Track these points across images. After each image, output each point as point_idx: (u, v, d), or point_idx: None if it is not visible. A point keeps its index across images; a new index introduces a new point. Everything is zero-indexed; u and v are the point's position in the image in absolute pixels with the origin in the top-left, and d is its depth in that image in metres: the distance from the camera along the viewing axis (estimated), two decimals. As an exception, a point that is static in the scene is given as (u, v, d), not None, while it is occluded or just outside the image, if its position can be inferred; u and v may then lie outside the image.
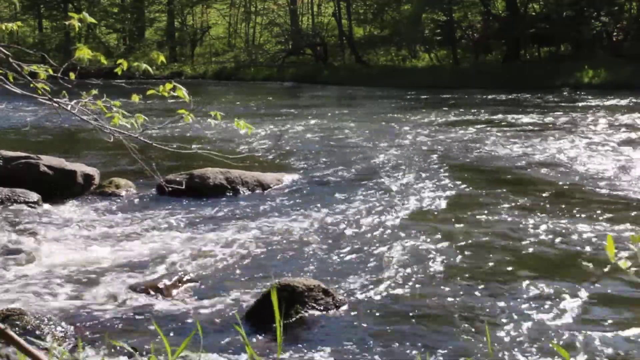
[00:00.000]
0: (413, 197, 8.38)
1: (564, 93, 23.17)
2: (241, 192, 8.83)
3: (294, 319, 4.69)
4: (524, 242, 6.45)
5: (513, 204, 7.84)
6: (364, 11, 40.50)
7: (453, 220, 7.26)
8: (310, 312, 4.77)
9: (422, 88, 26.66)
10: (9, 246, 6.42)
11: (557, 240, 6.46)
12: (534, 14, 32.44)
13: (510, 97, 22.58)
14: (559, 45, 31.51)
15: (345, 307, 4.92)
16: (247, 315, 4.74)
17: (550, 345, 4.19)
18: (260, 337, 4.42)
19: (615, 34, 29.75)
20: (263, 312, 4.61)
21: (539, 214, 7.40)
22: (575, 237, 6.52)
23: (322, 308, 4.82)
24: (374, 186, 9.05)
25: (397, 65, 35.00)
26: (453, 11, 33.43)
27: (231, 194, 8.75)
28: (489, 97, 22.80)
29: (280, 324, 2.20)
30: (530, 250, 6.24)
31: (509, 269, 5.73)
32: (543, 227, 6.86)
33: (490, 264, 5.85)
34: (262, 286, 5.29)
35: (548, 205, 7.75)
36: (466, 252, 6.13)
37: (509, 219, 7.21)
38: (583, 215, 7.27)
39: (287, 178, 9.59)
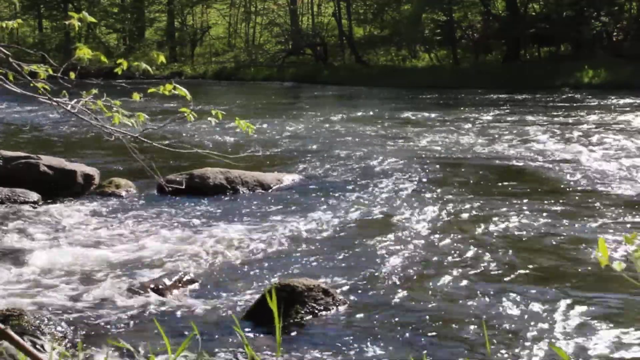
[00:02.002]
0: (413, 197, 8.38)
1: (564, 93, 23.17)
2: (241, 192, 8.83)
3: (293, 319, 4.69)
4: (523, 243, 6.45)
5: (513, 205, 7.83)
6: (364, 11, 40.49)
7: (453, 220, 7.26)
8: (310, 312, 4.77)
9: (422, 88, 26.65)
10: (9, 246, 6.42)
11: (557, 240, 6.46)
12: (534, 14, 32.43)
13: (510, 97, 22.57)
14: (559, 45, 31.50)
15: (345, 307, 4.92)
16: (247, 316, 4.73)
17: (549, 346, 4.19)
18: (259, 337, 4.42)
19: (615, 34, 29.74)
20: (263, 312, 4.60)
21: (539, 214, 7.40)
22: (574, 237, 6.52)
23: (322, 308, 4.82)
24: (374, 186, 9.05)
25: (397, 65, 35.00)
26: (453, 11, 33.42)
27: (231, 193, 8.75)
28: (489, 97, 22.80)
29: (279, 324, 2.20)
30: (530, 250, 6.24)
31: (509, 269, 5.73)
32: (543, 227, 6.86)
33: (490, 264, 5.84)
34: (262, 286, 5.29)
35: (548, 206, 7.75)
36: (466, 253, 6.13)
37: (509, 219, 7.21)
38: (583, 215, 7.26)
39: (287, 178, 9.59)
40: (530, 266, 5.81)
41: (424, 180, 9.39)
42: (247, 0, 45.45)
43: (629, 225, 6.87)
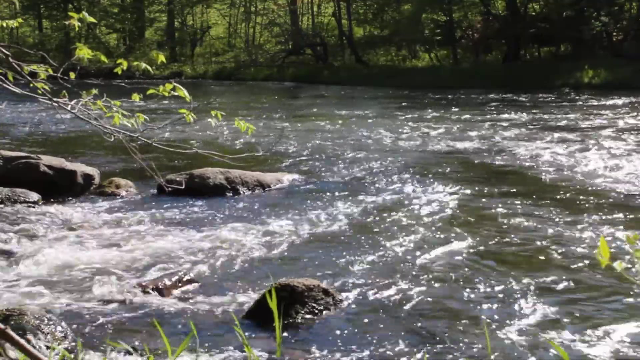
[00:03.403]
0: (413, 197, 8.38)
1: (564, 93, 23.17)
2: (241, 192, 8.83)
3: (293, 319, 4.69)
4: (523, 243, 6.44)
5: (513, 204, 7.83)
6: (364, 11, 40.52)
7: (453, 220, 7.26)
8: (310, 312, 4.77)
9: (422, 88, 26.66)
10: (9, 246, 6.41)
11: (556, 240, 6.46)
12: (534, 14, 32.46)
13: (510, 97, 22.58)
14: (559, 45, 31.53)
15: (345, 307, 4.92)
16: (247, 315, 4.73)
17: (550, 345, 4.19)
18: (259, 337, 4.42)
19: (615, 34, 29.74)
20: (262, 312, 4.60)
21: (539, 214, 7.40)
22: (574, 238, 6.51)
23: (322, 308, 4.82)
24: (374, 186, 9.05)
25: (397, 65, 35.03)
26: (453, 11, 33.44)
27: (231, 194, 8.75)
28: (489, 97, 22.81)
29: (279, 324, 2.20)
30: (531, 251, 6.24)
31: (509, 269, 5.73)
32: (543, 227, 6.86)
33: (491, 264, 5.84)
34: (262, 286, 5.29)
35: (548, 206, 7.75)
36: (466, 252, 6.13)
37: (509, 219, 7.21)
38: (583, 216, 7.26)
39: (287, 178, 9.59)
40: (531, 266, 5.81)
41: (424, 180, 9.39)
42: (247, 0, 45.45)
43: (629, 225, 6.87)
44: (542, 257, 6.03)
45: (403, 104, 21.53)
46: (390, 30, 37.92)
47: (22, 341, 2.40)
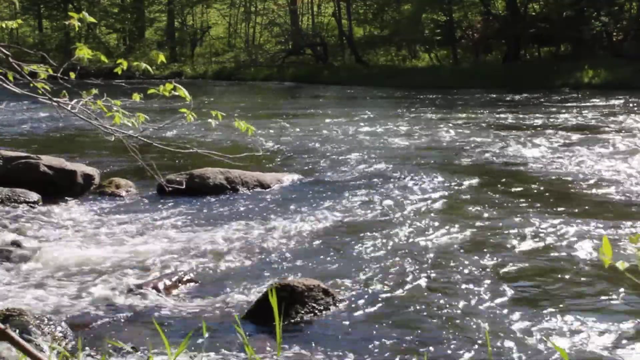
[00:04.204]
0: (413, 197, 8.38)
1: (564, 93, 23.17)
2: (241, 192, 8.83)
3: (293, 319, 4.69)
4: (523, 243, 6.44)
5: (513, 205, 7.84)
6: (364, 11, 40.52)
7: (453, 220, 7.25)
8: (310, 312, 4.77)
9: (422, 88, 26.66)
10: (9, 246, 6.41)
11: (556, 241, 6.45)
12: (534, 14, 32.45)
13: (510, 97, 22.58)
14: (559, 45, 31.52)
15: (345, 307, 4.92)
16: (247, 315, 4.73)
17: (551, 345, 4.19)
18: (260, 337, 4.42)
19: (615, 34, 29.74)
20: (263, 312, 4.60)
21: (539, 214, 7.40)
22: (573, 238, 6.51)
23: (322, 308, 4.82)
24: (374, 186, 9.05)
25: (397, 65, 35.01)
26: (453, 11, 33.44)
27: (231, 193, 8.75)
28: (489, 97, 22.81)
29: (279, 324, 2.20)
30: (531, 251, 6.24)
31: (510, 269, 5.73)
32: (543, 228, 6.86)
33: (491, 265, 5.84)
34: (262, 286, 5.29)
35: (549, 206, 7.74)
36: (467, 253, 6.13)
37: (509, 219, 7.21)
38: (583, 216, 7.26)
39: (287, 178, 9.59)
40: (531, 266, 5.81)
41: (425, 180, 9.38)
42: (247, 0, 45.45)
43: (630, 226, 6.87)
44: (542, 258, 6.03)
45: (403, 104, 21.53)
46: (390, 30, 37.92)
47: (22, 341, 2.39)
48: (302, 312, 4.75)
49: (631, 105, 18.75)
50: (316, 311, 4.79)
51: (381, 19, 39.67)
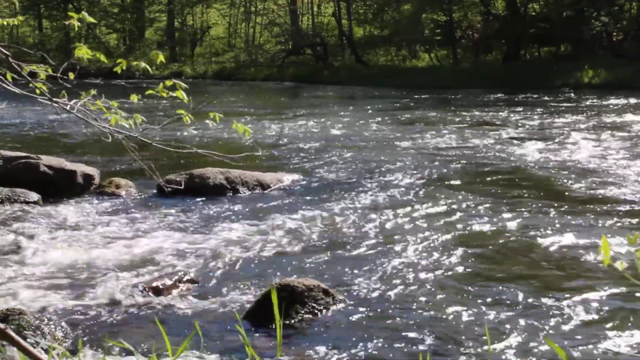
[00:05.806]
0: (413, 197, 8.38)
1: (564, 93, 23.17)
2: (241, 192, 8.82)
3: (294, 319, 4.69)
4: (523, 242, 6.44)
5: (513, 205, 7.83)
6: (364, 11, 40.52)
7: (453, 221, 7.25)
8: (310, 312, 4.77)
9: (422, 88, 26.65)
10: (9, 246, 6.41)
11: (556, 241, 6.45)
12: (534, 14, 32.45)
13: (510, 97, 22.58)
14: (559, 45, 31.52)
15: (345, 307, 4.92)
16: (247, 315, 4.73)
17: (549, 346, 4.19)
18: (260, 337, 4.42)
19: (615, 34, 29.74)
20: (263, 312, 4.61)
21: (539, 215, 7.40)
22: (575, 238, 6.51)
23: (322, 308, 4.82)
24: (374, 186, 9.05)
25: (397, 65, 35.02)
26: (453, 11, 33.44)
27: (231, 194, 8.75)
28: (489, 97, 22.81)
29: (280, 324, 2.21)
30: (531, 252, 6.24)
31: (510, 269, 5.73)
32: (543, 228, 6.86)
33: (491, 265, 5.84)
34: (262, 286, 5.29)
35: (548, 207, 7.74)
36: (467, 253, 6.13)
37: (509, 220, 7.21)
38: (584, 216, 7.26)
39: (287, 178, 9.58)
40: (531, 265, 5.81)
41: (424, 180, 9.39)
42: (247, 0, 45.45)
43: (630, 226, 6.87)
44: (542, 257, 6.03)
45: (403, 104, 21.53)
46: (390, 30, 37.92)
47: (22, 341, 2.39)
48: (302, 312, 4.75)
49: (631, 105, 18.74)
50: (316, 311, 4.79)
51: (381, 19, 39.67)
